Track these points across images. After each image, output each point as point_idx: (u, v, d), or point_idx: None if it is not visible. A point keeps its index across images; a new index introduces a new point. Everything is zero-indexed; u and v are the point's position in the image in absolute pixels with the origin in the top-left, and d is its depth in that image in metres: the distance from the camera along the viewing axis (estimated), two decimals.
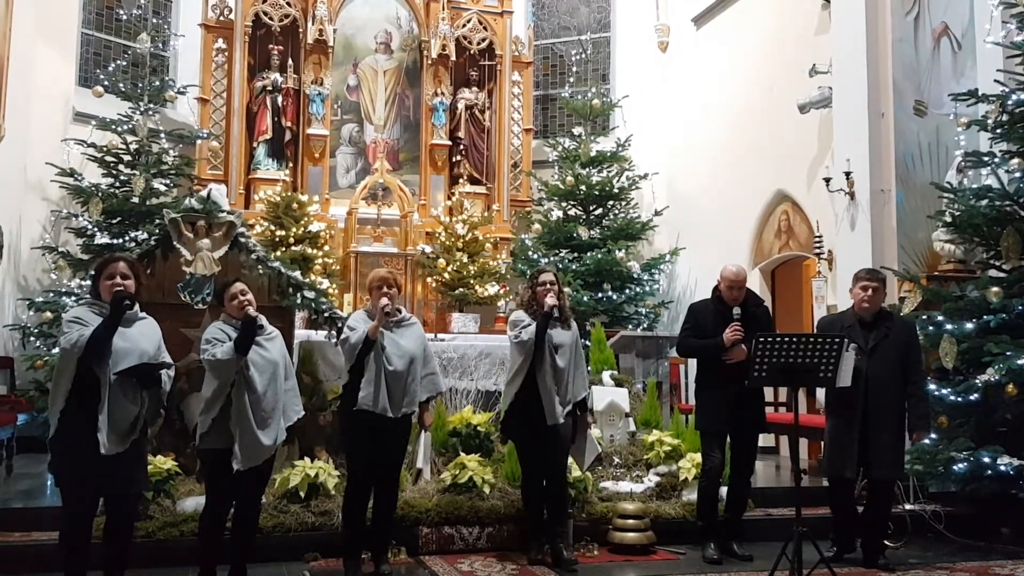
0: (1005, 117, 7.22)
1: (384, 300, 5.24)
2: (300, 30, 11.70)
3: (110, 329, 4.30)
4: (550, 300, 5.63)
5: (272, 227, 10.49)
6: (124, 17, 11.81)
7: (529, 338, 5.58)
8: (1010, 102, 7.13)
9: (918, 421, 5.81)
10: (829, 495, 6.05)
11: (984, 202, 7.16)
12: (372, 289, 5.40)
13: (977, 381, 6.63)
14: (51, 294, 9.82)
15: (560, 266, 11.12)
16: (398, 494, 5.61)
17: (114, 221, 10.01)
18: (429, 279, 11.31)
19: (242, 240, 6.86)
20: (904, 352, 5.77)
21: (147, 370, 4.42)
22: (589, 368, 7.18)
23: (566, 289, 6.07)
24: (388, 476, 5.37)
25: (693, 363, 6.56)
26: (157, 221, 7.28)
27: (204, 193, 6.95)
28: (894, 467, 5.78)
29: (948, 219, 7.46)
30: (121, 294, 4.36)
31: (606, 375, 7.82)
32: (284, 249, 10.28)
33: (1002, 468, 6.35)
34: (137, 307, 4.53)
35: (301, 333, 7.52)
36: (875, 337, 5.75)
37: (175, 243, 6.70)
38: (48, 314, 9.44)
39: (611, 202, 12.07)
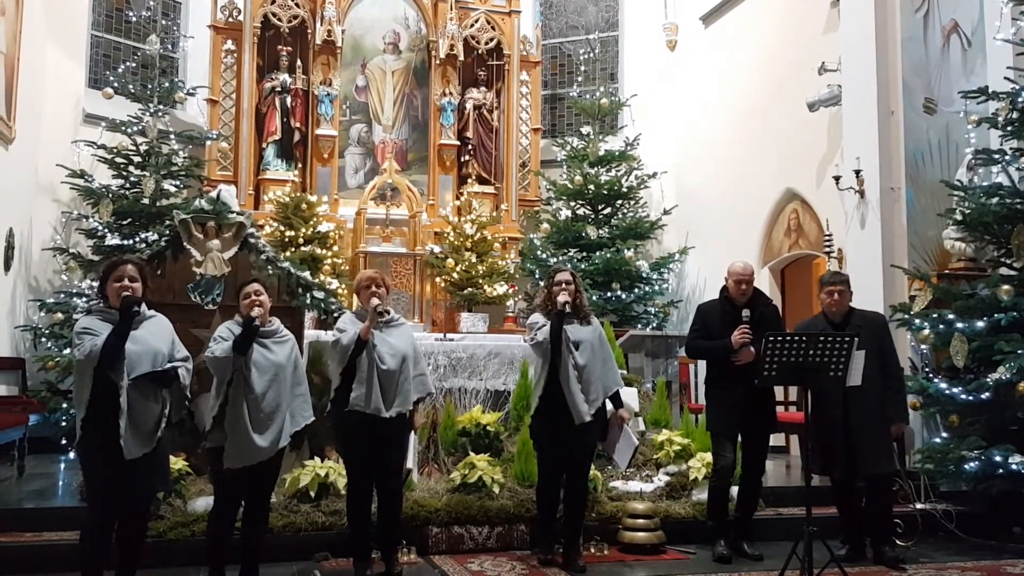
0: (1015, 114, 7.18)
1: (375, 300, 5.24)
2: (308, 31, 11.74)
3: (121, 336, 4.32)
4: (561, 298, 5.60)
5: (281, 228, 10.53)
6: (133, 19, 11.86)
7: (544, 338, 5.55)
8: (1020, 99, 7.09)
9: (897, 413, 5.85)
10: (834, 495, 6.04)
11: (994, 200, 7.13)
12: (360, 290, 5.38)
13: (988, 380, 6.60)
14: (62, 295, 9.86)
15: (569, 265, 11.10)
16: (402, 493, 5.60)
17: (124, 222, 10.04)
18: (438, 279, 11.32)
19: (252, 241, 6.88)
20: (877, 347, 5.77)
21: (160, 375, 4.46)
22: None
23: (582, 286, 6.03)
24: (389, 476, 5.34)
25: (703, 363, 6.56)
26: (167, 222, 7.30)
27: (214, 194, 6.97)
28: (884, 462, 5.78)
29: (958, 217, 7.43)
30: (129, 299, 4.37)
31: None
32: (293, 249, 10.31)
33: (1013, 467, 6.32)
34: (144, 307, 4.55)
35: (311, 333, 7.52)
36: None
37: (185, 244, 6.72)
38: (59, 315, 9.47)
39: (620, 201, 12.06)
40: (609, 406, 5.79)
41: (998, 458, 6.38)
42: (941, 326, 6.98)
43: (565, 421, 5.50)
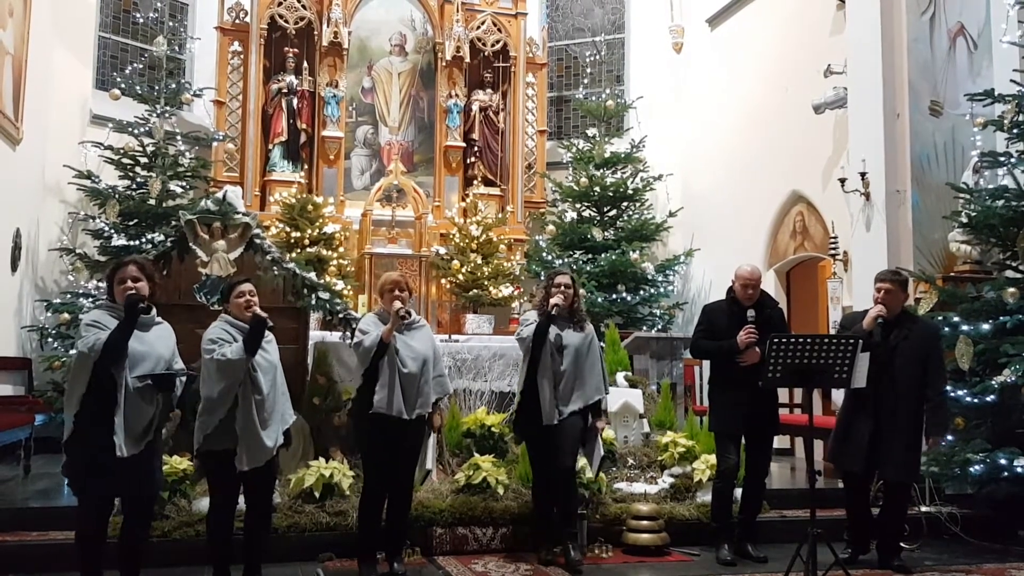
0: (1021, 117, 7.19)
1: (397, 303, 5.27)
2: (315, 32, 11.75)
3: (126, 333, 4.34)
4: (554, 299, 5.64)
5: (287, 229, 10.55)
6: (141, 20, 11.90)
7: (528, 335, 5.63)
8: None
9: (935, 426, 5.74)
10: (844, 494, 6.02)
11: (1000, 202, 7.13)
12: (384, 292, 5.41)
13: (993, 382, 6.60)
14: (68, 295, 9.89)
15: (574, 267, 11.11)
16: (412, 495, 5.63)
17: (131, 223, 10.07)
18: (443, 280, 11.33)
19: (257, 241, 6.90)
20: (924, 354, 5.69)
21: (169, 378, 4.48)
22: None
23: (580, 291, 6.05)
24: (403, 477, 5.39)
25: (707, 364, 6.55)
26: (173, 223, 7.32)
27: (220, 195, 6.99)
28: (906, 470, 5.72)
29: (964, 220, 7.44)
30: (134, 297, 4.39)
31: (620, 376, 7.82)
32: (299, 250, 10.33)
33: (1019, 469, 6.32)
34: (155, 312, 4.57)
35: (316, 334, 7.54)
36: (896, 337, 5.68)
37: (191, 244, 6.75)
38: (65, 315, 9.50)
39: (625, 203, 12.06)
40: None
41: (1003, 461, 6.38)
42: (947, 329, 6.97)
43: (540, 420, 5.57)
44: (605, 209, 12.03)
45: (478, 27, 12.36)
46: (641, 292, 11.44)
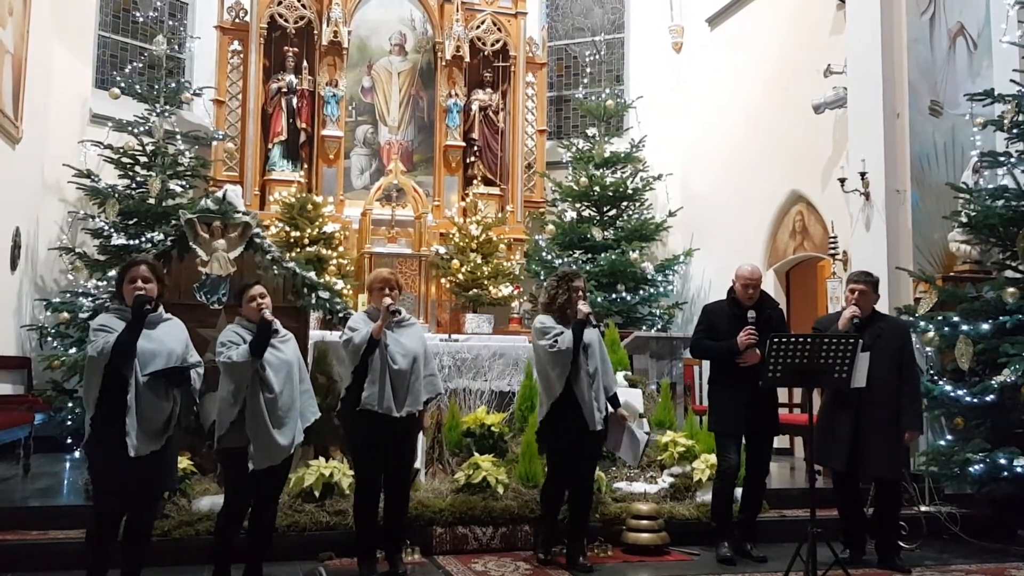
0: (1021, 117, 7.20)
1: (387, 300, 5.26)
2: (315, 32, 11.76)
3: (133, 334, 4.36)
4: (584, 307, 5.55)
5: (287, 228, 10.55)
6: (140, 19, 11.91)
7: (567, 347, 5.46)
8: None
9: (911, 420, 5.78)
10: (835, 493, 6.02)
11: (1000, 202, 7.14)
12: (373, 290, 5.41)
13: (993, 382, 6.60)
14: (68, 295, 9.86)
15: (574, 267, 11.10)
16: (409, 493, 5.62)
17: (130, 222, 10.05)
18: (443, 280, 11.33)
19: (257, 241, 6.90)
20: (898, 352, 5.78)
21: (175, 372, 4.49)
22: None
23: None
24: (397, 475, 5.38)
25: (707, 364, 6.56)
26: (173, 222, 7.31)
27: (220, 194, 6.98)
28: (889, 466, 5.75)
29: (964, 219, 7.44)
30: (142, 299, 4.41)
31: (620, 376, 7.79)
32: (299, 250, 10.33)
33: (1018, 469, 6.33)
34: (161, 309, 4.60)
35: (316, 334, 7.54)
36: (869, 336, 5.72)
37: (191, 244, 6.74)
38: (65, 314, 9.48)
39: (625, 203, 12.06)
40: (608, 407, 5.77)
41: (1003, 460, 6.38)
42: (946, 328, 6.98)
43: (579, 427, 5.49)
44: (605, 209, 12.03)
45: (478, 27, 12.36)
46: (641, 292, 11.44)
